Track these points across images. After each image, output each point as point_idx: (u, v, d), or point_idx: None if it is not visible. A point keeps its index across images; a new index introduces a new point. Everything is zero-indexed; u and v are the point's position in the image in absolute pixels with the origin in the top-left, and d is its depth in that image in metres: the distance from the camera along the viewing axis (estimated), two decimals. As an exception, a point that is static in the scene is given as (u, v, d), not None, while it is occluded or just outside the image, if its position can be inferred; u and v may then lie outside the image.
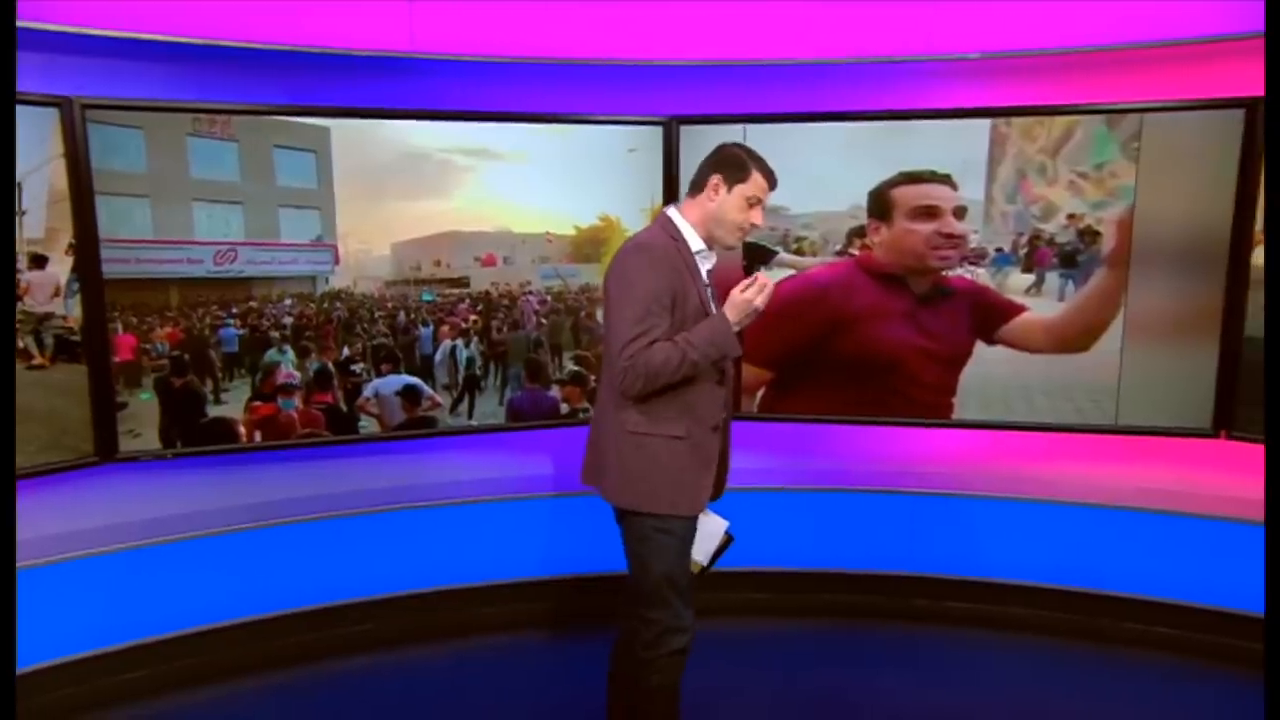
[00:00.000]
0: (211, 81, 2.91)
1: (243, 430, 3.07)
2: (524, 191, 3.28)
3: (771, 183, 2.20)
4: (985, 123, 3.17)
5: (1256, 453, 3.11)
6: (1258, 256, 3.01)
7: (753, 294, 2.09)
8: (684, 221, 2.23)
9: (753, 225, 2.22)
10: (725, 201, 2.18)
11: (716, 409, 2.22)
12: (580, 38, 3.21)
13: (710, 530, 2.41)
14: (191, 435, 3.02)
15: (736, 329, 2.12)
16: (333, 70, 3.01)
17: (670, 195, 3.37)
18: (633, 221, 3.37)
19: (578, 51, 3.21)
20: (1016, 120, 3.15)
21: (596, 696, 2.48)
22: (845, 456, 3.57)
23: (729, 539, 2.43)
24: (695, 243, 2.21)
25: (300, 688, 3.07)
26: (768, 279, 2.13)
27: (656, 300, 2.10)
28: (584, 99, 3.31)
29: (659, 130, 3.33)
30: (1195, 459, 3.26)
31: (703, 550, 2.40)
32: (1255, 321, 3.03)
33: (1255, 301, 3.02)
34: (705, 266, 2.24)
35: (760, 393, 3.48)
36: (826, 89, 3.30)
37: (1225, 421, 3.11)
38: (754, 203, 2.18)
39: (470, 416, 3.35)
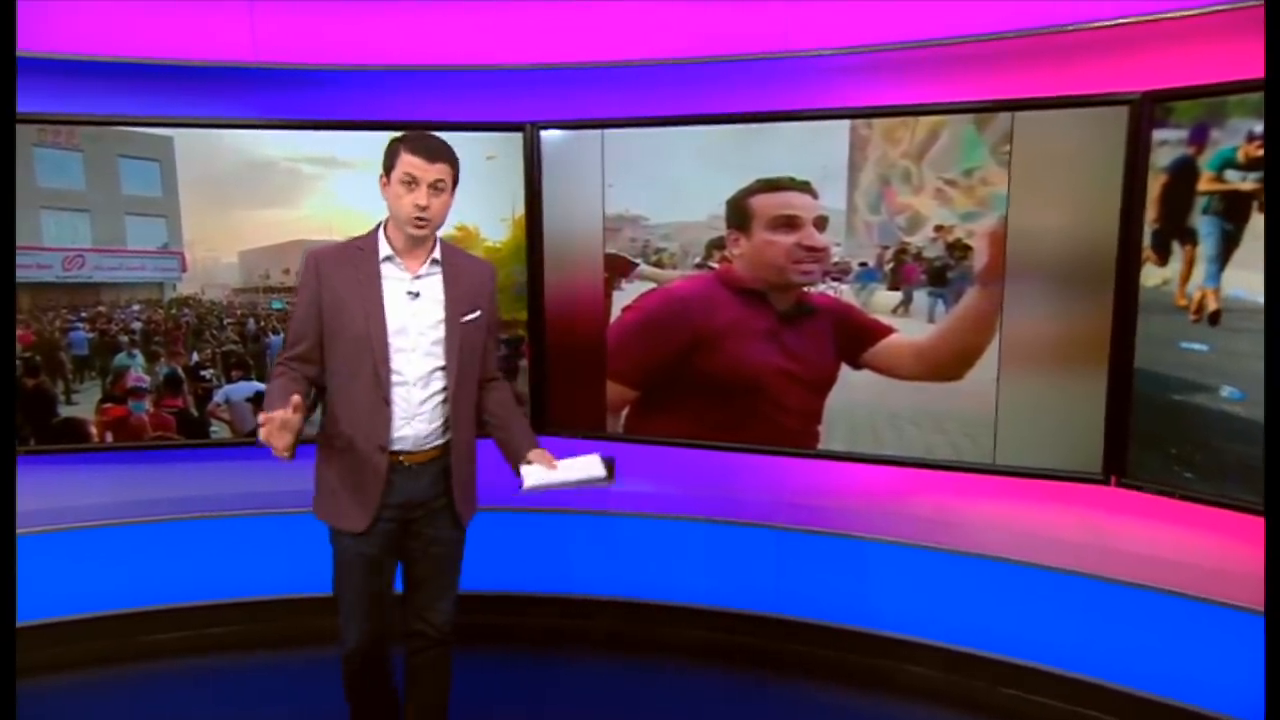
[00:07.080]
0: (55, 93, 3.01)
1: (94, 431, 3.17)
2: (376, 200, 3.18)
3: (426, 155, 2.07)
4: (844, 124, 2.88)
5: (1156, 504, 2.67)
6: (1147, 276, 2.58)
7: (262, 434, 1.91)
8: (382, 229, 2.21)
9: (419, 208, 2.08)
10: (389, 193, 2.14)
11: (383, 429, 2.16)
12: (433, 44, 3.15)
13: (585, 464, 2.25)
14: (44, 434, 3.14)
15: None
16: (176, 80, 3.07)
17: (532, 202, 3.25)
18: (492, 231, 3.27)
19: (431, 58, 3.15)
20: (878, 122, 2.84)
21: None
22: (710, 484, 3.34)
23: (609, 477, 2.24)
24: (382, 250, 2.17)
25: (136, 685, 3.14)
26: (277, 421, 1.88)
27: (300, 312, 2.17)
28: (439, 106, 3.22)
29: (518, 136, 3.21)
30: (1089, 507, 2.84)
31: (574, 467, 2.25)
32: (1145, 351, 2.60)
33: (1144, 329, 2.59)
34: (400, 274, 2.18)
35: (625, 412, 3.30)
36: (684, 91, 3.08)
37: (1117, 466, 2.69)
38: (409, 182, 2.07)
39: (324, 425, 3.33)
